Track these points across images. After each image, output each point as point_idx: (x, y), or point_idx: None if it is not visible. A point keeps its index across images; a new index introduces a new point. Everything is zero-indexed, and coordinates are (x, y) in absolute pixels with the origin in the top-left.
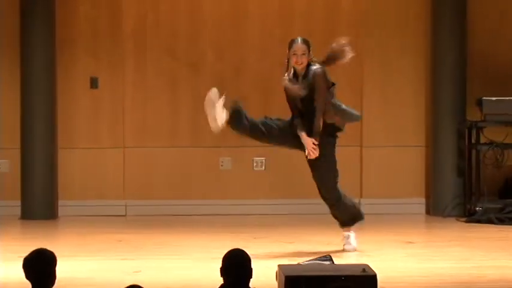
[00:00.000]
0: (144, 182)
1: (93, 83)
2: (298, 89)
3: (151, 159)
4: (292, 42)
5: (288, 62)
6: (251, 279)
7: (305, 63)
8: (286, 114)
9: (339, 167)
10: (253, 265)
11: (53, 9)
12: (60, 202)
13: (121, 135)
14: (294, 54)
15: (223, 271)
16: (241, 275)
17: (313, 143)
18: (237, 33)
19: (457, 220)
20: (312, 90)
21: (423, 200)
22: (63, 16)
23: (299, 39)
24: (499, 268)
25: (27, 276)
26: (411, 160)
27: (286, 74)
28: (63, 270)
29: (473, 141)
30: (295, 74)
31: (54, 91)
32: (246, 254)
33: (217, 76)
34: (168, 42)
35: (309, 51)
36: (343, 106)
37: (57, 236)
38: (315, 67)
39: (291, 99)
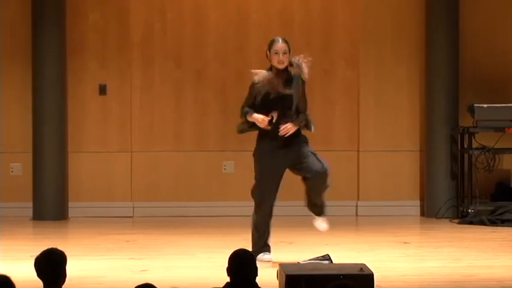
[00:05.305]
0: (151, 184)
1: (102, 89)
2: (280, 85)
3: (158, 163)
4: (272, 42)
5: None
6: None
7: (286, 63)
8: None
9: (337, 170)
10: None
11: (63, 19)
12: (70, 204)
13: (128, 139)
14: (276, 53)
15: (230, 270)
16: (247, 273)
17: (290, 125)
18: (240, 41)
19: (450, 222)
20: (295, 91)
21: (418, 202)
22: (73, 26)
23: (280, 39)
24: (489, 268)
25: (39, 275)
26: (406, 164)
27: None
28: (73, 269)
29: (465, 146)
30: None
31: (64, 97)
32: (251, 253)
33: (221, 83)
34: (174, 50)
35: (290, 50)
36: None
37: (67, 236)
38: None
39: (264, 95)
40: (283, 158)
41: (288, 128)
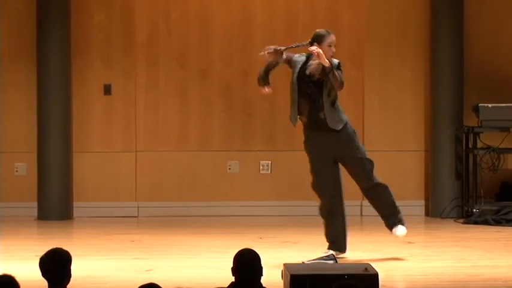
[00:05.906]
0: (155, 184)
1: (107, 89)
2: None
3: (162, 163)
4: (323, 35)
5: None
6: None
7: None
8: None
9: (341, 170)
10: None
11: (68, 19)
12: (75, 204)
13: (133, 139)
14: (330, 46)
15: (235, 270)
16: (253, 273)
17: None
18: (245, 41)
19: (455, 221)
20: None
21: (423, 202)
22: (78, 25)
23: (330, 32)
24: (494, 267)
25: (44, 275)
26: (411, 164)
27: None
28: (78, 268)
29: (470, 146)
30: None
31: (69, 97)
32: (256, 253)
33: (225, 83)
34: (179, 50)
35: None
36: None
37: (72, 236)
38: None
39: (302, 79)
40: (329, 144)
41: (319, 52)
